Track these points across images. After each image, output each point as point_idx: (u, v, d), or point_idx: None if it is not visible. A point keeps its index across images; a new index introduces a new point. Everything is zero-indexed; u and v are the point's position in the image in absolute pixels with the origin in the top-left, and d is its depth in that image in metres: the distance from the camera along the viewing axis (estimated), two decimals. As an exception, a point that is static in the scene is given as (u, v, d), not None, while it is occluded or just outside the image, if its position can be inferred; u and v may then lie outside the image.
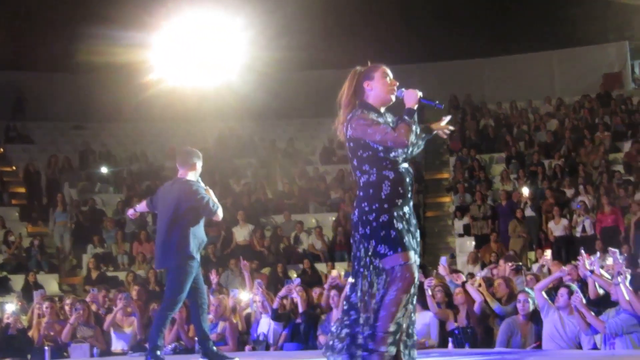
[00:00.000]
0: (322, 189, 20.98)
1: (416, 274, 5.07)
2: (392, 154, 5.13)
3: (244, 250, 17.76)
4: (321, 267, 17.36)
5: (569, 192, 18.03)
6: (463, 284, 9.16)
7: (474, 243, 17.92)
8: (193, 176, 7.48)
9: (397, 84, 5.32)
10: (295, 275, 16.01)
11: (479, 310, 8.78)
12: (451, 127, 5.51)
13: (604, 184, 17.98)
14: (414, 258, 5.06)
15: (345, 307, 5.23)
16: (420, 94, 5.17)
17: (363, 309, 5.10)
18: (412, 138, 5.08)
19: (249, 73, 21.29)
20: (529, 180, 19.04)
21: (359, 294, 5.14)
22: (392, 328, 4.98)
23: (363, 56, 5.75)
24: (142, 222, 18.82)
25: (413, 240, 5.15)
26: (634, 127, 21.08)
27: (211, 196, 7.45)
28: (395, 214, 5.08)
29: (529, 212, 17.52)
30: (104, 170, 21.81)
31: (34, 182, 20.93)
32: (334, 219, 19.36)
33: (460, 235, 18.66)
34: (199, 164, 7.56)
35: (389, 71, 5.34)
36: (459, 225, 18.80)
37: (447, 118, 5.51)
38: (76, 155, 22.43)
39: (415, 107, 5.15)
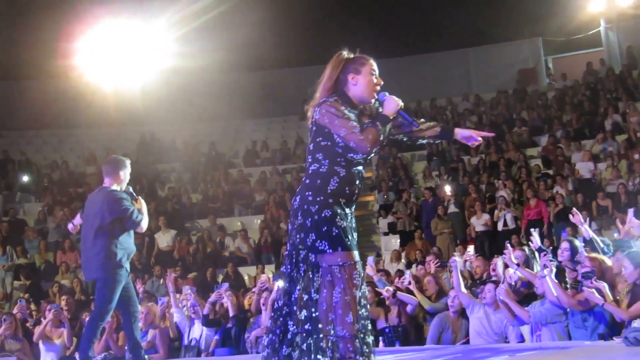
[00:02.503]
0: (246, 192, 20.98)
1: (361, 273, 4.83)
2: (349, 154, 4.88)
3: (167, 256, 17.69)
4: (249, 270, 17.37)
5: (490, 188, 18.38)
6: (394, 293, 9.16)
7: (399, 241, 18.13)
8: (117, 186, 7.46)
9: (382, 83, 5.03)
10: (220, 280, 16.00)
11: (411, 310, 8.93)
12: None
13: (522, 178, 18.39)
14: (357, 257, 4.80)
15: (274, 314, 4.99)
16: (401, 104, 4.94)
17: (300, 306, 4.88)
18: (376, 147, 4.81)
19: (169, 76, 21.20)
20: (450, 177, 19.35)
21: (297, 287, 4.90)
22: (341, 333, 4.72)
23: (280, 59, 5.61)
24: (65, 232, 18.55)
25: (353, 240, 4.86)
26: (549, 121, 21.62)
27: (141, 206, 7.44)
28: (338, 210, 4.81)
29: (452, 209, 17.81)
30: (24, 179, 21.46)
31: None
32: (259, 221, 19.38)
33: (385, 234, 18.85)
34: (124, 173, 7.52)
35: (376, 67, 5.05)
36: (383, 223, 18.99)
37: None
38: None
39: (392, 117, 4.95)
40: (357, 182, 4.98)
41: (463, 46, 26.11)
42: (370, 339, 4.86)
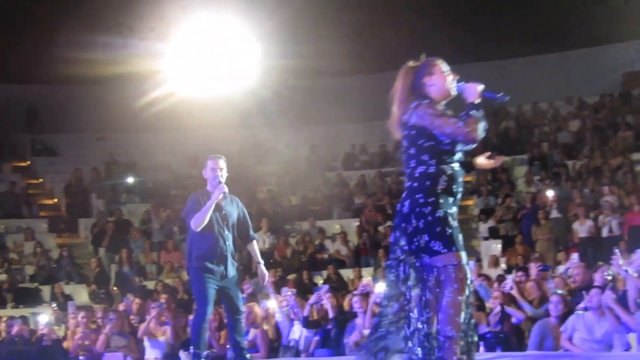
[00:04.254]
0: (345, 195, 21.07)
1: (469, 275, 4.91)
2: (457, 148, 4.98)
3: (266, 257, 17.83)
4: (347, 272, 17.44)
5: (594, 193, 18.02)
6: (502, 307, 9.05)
7: (499, 246, 17.93)
8: (208, 186, 7.70)
9: (458, 77, 5.17)
10: (321, 282, 16.11)
11: (518, 322, 8.83)
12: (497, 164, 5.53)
13: (628, 184, 17.97)
14: (466, 259, 4.89)
15: (379, 318, 5.08)
16: (481, 87, 5.03)
17: (413, 307, 4.92)
18: (483, 133, 4.90)
19: (270, 80, 21.42)
20: (552, 181, 19.05)
21: (403, 289, 4.96)
22: (451, 333, 4.80)
23: (382, 62, 5.70)
24: (169, 232, 19.03)
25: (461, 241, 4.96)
26: (656, 126, 21.08)
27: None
28: (449, 211, 4.92)
29: (554, 214, 17.52)
30: (129, 180, 22.04)
31: (63, 194, 21.14)
32: (357, 224, 19.44)
33: (486, 239, 18.68)
34: (205, 172, 7.75)
35: (445, 65, 5.19)
36: (484, 228, 18.82)
37: (501, 159, 5.55)
38: (101, 167, 22.65)
39: (478, 101, 5.00)
40: (460, 179, 5.06)
41: (566, 49, 25.63)
42: (475, 338, 4.98)
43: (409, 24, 23.46)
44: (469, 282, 4.89)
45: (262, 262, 8.00)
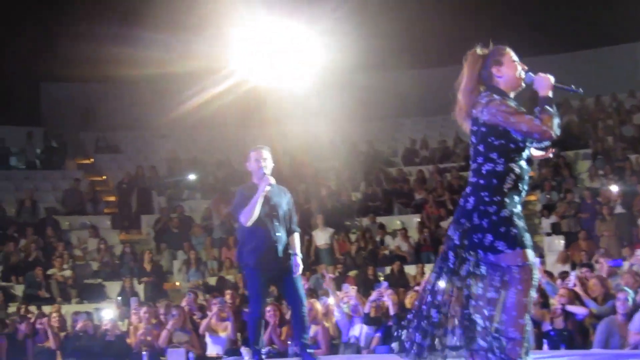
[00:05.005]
0: (405, 190, 20.98)
1: (536, 276, 4.83)
2: (529, 146, 4.89)
3: (325, 253, 17.87)
4: (409, 268, 17.37)
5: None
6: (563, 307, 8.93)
7: (563, 242, 17.69)
8: (254, 179, 7.53)
9: (526, 68, 5.00)
10: (382, 278, 16.06)
11: (581, 318, 8.71)
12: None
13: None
14: (533, 257, 4.78)
15: (426, 308, 4.91)
16: (553, 78, 4.84)
17: (477, 306, 4.84)
18: (557, 130, 4.72)
19: (328, 75, 21.39)
20: (616, 176, 18.73)
21: (458, 284, 4.85)
22: (514, 335, 4.73)
23: (441, 56, 5.57)
24: (230, 228, 19.14)
25: (529, 240, 4.85)
26: None
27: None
28: (514, 210, 4.82)
29: (619, 209, 17.24)
30: (191, 177, 22.24)
31: (124, 191, 21.42)
32: (418, 220, 19.34)
33: (548, 234, 18.45)
34: (249, 165, 7.58)
35: (514, 54, 5.01)
36: (546, 223, 18.59)
37: (552, 150, 5.33)
38: (163, 163, 22.89)
39: (550, 94, 4.83)
40: (527, 177, 4.94)
41: (630, 40, 25.16)
42: (529, 336, 4.85)
43: (471, 17, 23.28)
44: (534, 282, 4.78)
45: (299, 254, 7.53)
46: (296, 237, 7.59)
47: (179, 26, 20.88)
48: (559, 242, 17.81)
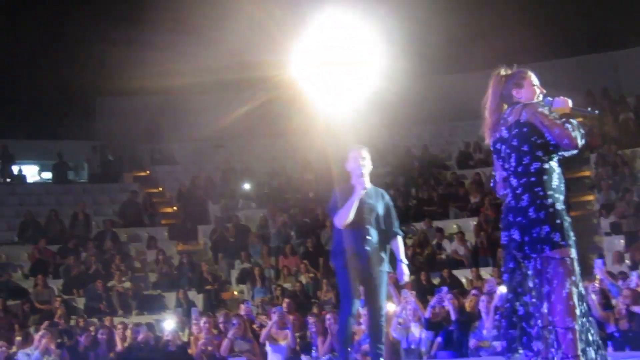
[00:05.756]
0: (461, 194, 20.86)
1: (578, 270, 5.01)
2: (560, 152, 5.07)
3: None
4: (466, 272, 17.25)
5: None
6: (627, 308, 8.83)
7: (622, 242, 17.42)
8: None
9: (545, 92, 5.25)
10: (436, 283, 15.99)
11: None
12: None
13: None
14: (576, 255, 4.99)
15: (506, 320, 5.10)
16: (570, 102, 5.08)
17: (536, 297, 4.99)
18: (582, 140, 4.96)
19: (381, 80, 21.34)
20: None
21: (529, 284, 5.04)
22: (572, 324, 4.84)
23: (494, 57, 5.69)
24: (286, 236, 19.22)
25: None
26: None
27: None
28: (564, 206, 5.05)
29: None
30: (245, 186, 22.36)
31: (182, 202, 21.62)
32: (475, 223, 19.20)
33: (608, 234, 18.18)
34: (349, 165, 7.52)
35: (535, 78, 5.28)
36: (605, 223, 18.33)
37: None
38: (218, 174, 23.04)
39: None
40: (563, 178, 5.15)
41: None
42: (597, 337, 5.00)
43: (520, 21, 23.11)
44: (579, 276, 4.98)
45: (405, 261, 7.40)
46: (399, 240, 7.44)
47: (230, 35, 21.04)
48: (619, 241, 17.54)
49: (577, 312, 4.85)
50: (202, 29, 21.93)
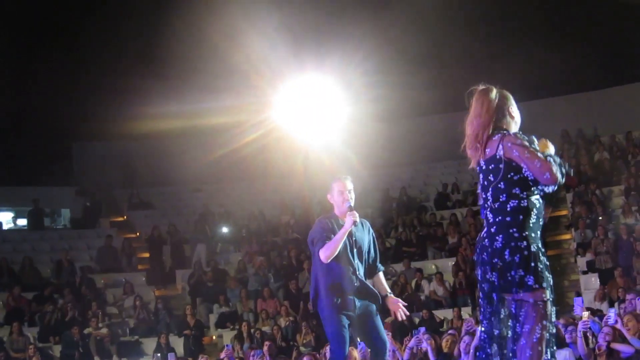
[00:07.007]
0: (439, 235, 20.90)
1: (553, 313, 4.88)
2: (539, 186, 4.85)
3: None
4: (445, 313, 17.24)
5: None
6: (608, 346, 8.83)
7: (598, 280, 17.48)
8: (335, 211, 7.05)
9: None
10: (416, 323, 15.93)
11: (627, 355, 8.59)
12: None
13: None
14: (551, 296, 4.83)
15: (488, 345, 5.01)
16: (552, 148, 4.93)
17: (511, 339, 4.90)
18: (562, 177, 4.71)
19: (355, 125, 21.47)
20: (650, 212, 18.55)
21: (504, 325, 4.93)
22: None
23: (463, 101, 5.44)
24: (264, 280, 19.16)
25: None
26: None
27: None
28: (539, 246, 4.85)
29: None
30: (224, 230, 22.31)
31: (158, 247, 21.51)
32: (452, 263, 19.23)
33: (584, 273, 18.25)
34: (331, 196, 7.08)
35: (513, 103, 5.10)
36: (582, 262, 18.41)
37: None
38: (196, 217, 22.97)
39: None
40: (542, 213, 4.95)
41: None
42: None
43: (496, 64, 23.35)
44: (553, 319, 4.85)
45: (390, 293, 7.15)
46: (381, 276, 7.18)
47: (207, 81, 21.14)
48: (595, 280, 17.60)
49: (544, 357, 4.78)
50: (178, 74, 22.03)
